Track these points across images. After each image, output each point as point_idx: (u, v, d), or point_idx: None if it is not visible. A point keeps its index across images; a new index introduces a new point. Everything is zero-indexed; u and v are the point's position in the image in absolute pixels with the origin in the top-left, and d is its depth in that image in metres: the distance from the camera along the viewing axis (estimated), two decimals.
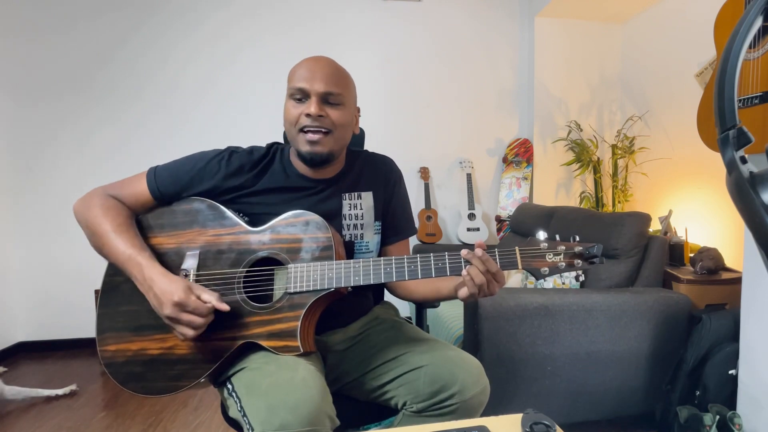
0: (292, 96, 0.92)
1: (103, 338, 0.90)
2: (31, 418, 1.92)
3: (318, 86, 0.90)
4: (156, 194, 0.94)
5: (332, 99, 0.92)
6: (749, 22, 0.52)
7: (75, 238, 2.60)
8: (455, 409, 0.88)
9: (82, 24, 2.70)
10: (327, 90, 0.91)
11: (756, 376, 1.41)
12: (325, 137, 0.92)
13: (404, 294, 1.08)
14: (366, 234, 1.03)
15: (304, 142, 0.91)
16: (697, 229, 2.25)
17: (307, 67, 0.92)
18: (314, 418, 0.75)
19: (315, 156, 0.92)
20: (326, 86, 0.91)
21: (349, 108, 0.96)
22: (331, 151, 0.94)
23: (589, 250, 0.82)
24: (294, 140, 0.94)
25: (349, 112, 0.97)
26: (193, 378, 0.88)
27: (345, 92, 0.94)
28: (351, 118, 0.98)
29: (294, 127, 0.92)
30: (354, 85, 1.00)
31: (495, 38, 3.08)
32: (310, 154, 0.92)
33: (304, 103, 0.91)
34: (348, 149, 1.07)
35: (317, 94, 0.90)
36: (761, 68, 1.22)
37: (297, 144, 0.93)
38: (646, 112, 2.74)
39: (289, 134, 0.95)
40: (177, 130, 2.82)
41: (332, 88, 0.91)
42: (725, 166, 0.53)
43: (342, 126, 0.94)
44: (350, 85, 0.98)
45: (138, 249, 0.87)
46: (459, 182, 3.09)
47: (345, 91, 0.94)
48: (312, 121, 0.90)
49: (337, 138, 0.94)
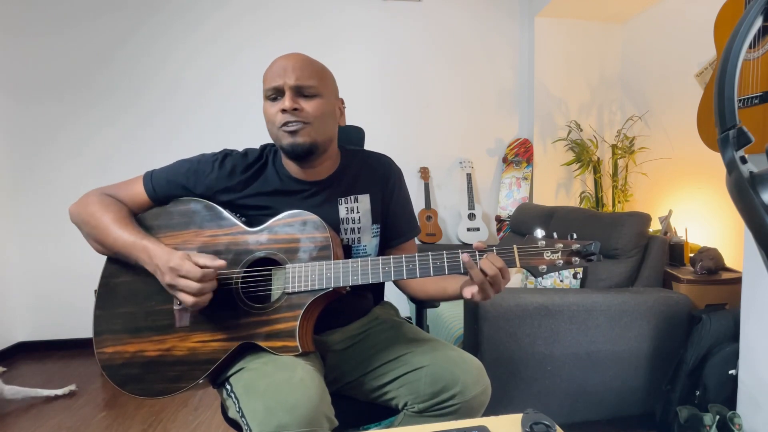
0: (268, 97, 0.91)
1: (100, 340, 0.90)
2: (30, 418, 1.92)
3: (290, 80, 0.89)
4: (152, 196, 0.95)
5: (306, 91, 0.90)
6: (749, 22, 0.52)
7: (75, 239, 2.58)
8: (456, 409, 0.88)
9: (82, 24, 2.70)
10: (299, 83, 0.89)
11: (756, 376, 1.41)
12: (304, 128, 0.89)
13: (412, 292, 1.08)
14: (363, 238, 1.02)
15: (285, 135, 0.90)
16: (697, 229, 2.25)
17: (278, 65, 0.91)
18: (312, 418, 0.74)
19: (296, 147, 0.90)
20: (297, 79, 0.89)
21: (326, 98, 0.93)
22: (313, 141, 0.91)
23: (586, 248, 0.82)
24: (277, 139, 0.92)
25: (328, 102, 0.94)
26: (191, 379, 0.88)
27: (319, 83, 0.92)
28: (331, 108, 0.95)
29: (275, 126, 0.91)
30: (332, 76, 0.98)
31: (495, 38, 3.08)
32: (291, 145, 0.90)
33: (280, 101, 0.90)
34: (344, 148, 1.06)
35: (290, 88, 0.89)
36: (761, 68, 1.22)
37: (280, 141, 0.91)
38: (646, 112, 2.74)
39: (272, 136, 0.94)
40: (177, 130, 2.82)
41: (305, 81, 0.89)
42: (725, 166, 0.53)
43: (320, 117, 0.91)
44: (326, 76, 0.95)
45: (142, 235, 0.88)
46: (459, 182, 3.08)
47: (319, 83, 0.92)
48: (289, 116, 0.88)
49: (317, 129, 0.91)
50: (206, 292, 0.83)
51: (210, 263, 0.83)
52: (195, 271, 0.81)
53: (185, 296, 0.82)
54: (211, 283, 0.83)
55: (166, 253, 0.84)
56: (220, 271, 0.89)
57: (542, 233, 0.85)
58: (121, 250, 0.88)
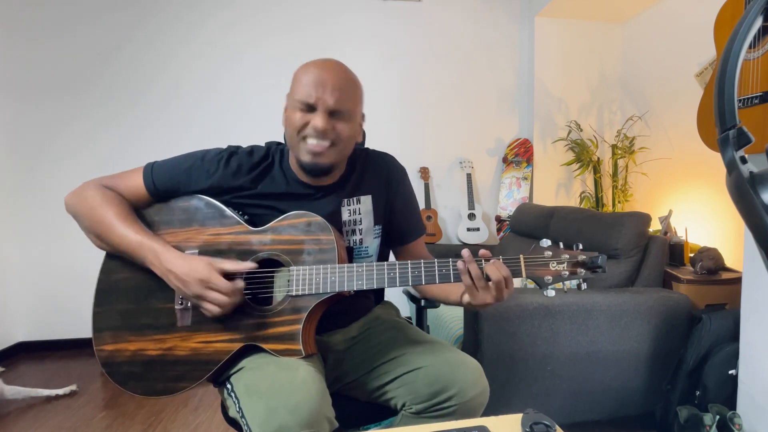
0: (298, 107, 0.87)
1: (100, 337, 0.89)
2: (31, 418, 1.92)
3: (329, 100, 0.85)
4: (151, 189, 0.93)
5: (340, 115, 0.88)
6: (749, 22, 0.52)
7: (75, 239, 2.58)
8: (454, 410, 0.88)
9: (83, 26, 2.70)
10: (336, 107, 0.86)
11: (756, 376, 1.41)
12: (329, 149, 0.88)
13: (417, 291, 1.11)
14: (366, 239, 1.01)
15: (306, 152, 0.88)
16: (697, 229, 2.25)
17: (317, 76, 0.86)
18: (313, 420, 0.74)
19: (316, 168, 0.89)
20: (336, 103, 0.86)
21: (356, 119, 0.93)
22: (333, 162, 0.91)
23: (593, 260, 0.81)
24: (295, 147, 0.90)
25: (356, 123, 0.93)
26: (193, 380, 0.87)
27: (353, 106, 0.90)
28: (357, 129, 0.95)
29: (297, 135, 0.88)
30: (362, 92, 0.96)
31: (495, 38, 3.08)
32: (311, 165, 0.89)
33: (310, 114, 0.87)
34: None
35: (326, 108, 0.86)
36: (761, 68, 1.22)
37: (298, 152, 0.89)
38: (646, 112, 2.74)
39: (290, 140, 0.91)
40: (178, 131, 2.81)
41: (342, 105, 0.87)
42: (725, 166, 0.53)
43: (347, 139, 0.91)
44: (359, 95, 0.94)
45: (149, 235, 0.87)
46: (459, 182, 3.08)
47: (353, 105, 0.90)
48: (319, 136, 0.86)
49: (340, 150, 0.91)
50: (234, 303, 0.83)
51: (238, 268, 0.84)
52: (226, 285, 0.81)
53: (212, 307, 0.82)
54: (240, 295, 0.84)
55: (187, 262, 0.83)
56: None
57: (548, 242, 0.84)
58: (126, 250, 0.87)
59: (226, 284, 0.82)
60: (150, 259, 0.85)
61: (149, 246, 0.85)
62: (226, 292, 0.82)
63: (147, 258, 0.85)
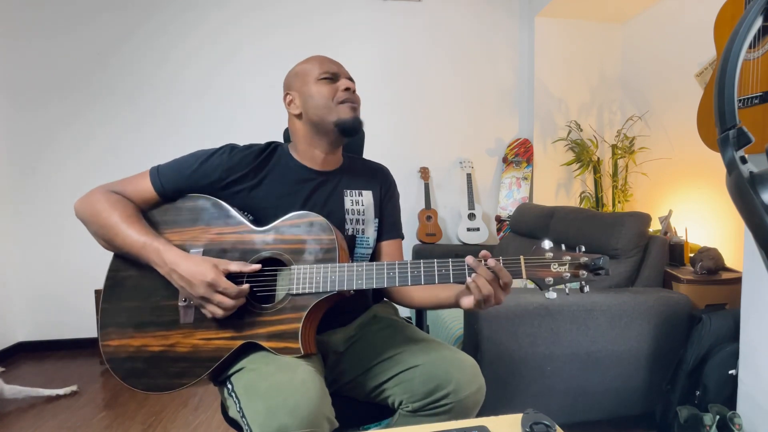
0: (323, 78, 0.98)
1: (106, 333, 0.90)
2: (31, 418, 1.92)
3: (342, 69, 1.02)
4: (160, 191, 0.95)
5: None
6: (749, 22, 0.52)
7: (75, 239, 2.60)
8: (450, 408, 0.88)
9: (80, 25, 2.70)
10: (348, 74, 1.02)
11: (756, 376, 1.41)
12: (358, 108, 1.01)
13: (401, 300, 1.08)
14: (367, 230, 1.06)
15: (347, 110, 0.98)
16: (697, 229, 2.25)
17: (320, 58, 1.02)
18: (313, 420, 0.74)
19: (356, 121, 0.99)
20: (346, 71, 1.03)
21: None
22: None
23: (595, 262, 0.80)
24: (331, 113, 0.97)
25: None
26: (193, 376, 0.88)
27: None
28: None
29: (332, 101, 0.97)
30: None
31: (495, 38, 3.08)
32: (353, 119, 0.98)
33: (336, 82, 0.99)
34: (344, 155, 1.10)
35: (345, 75, 1.01)
36: (761, 68, 1.22)
37: (338, 114, 0.97)
38: (646, 112, 2.74)
39: (323, 111, 0.98)
40: (176, 130, 2.82)
41: (347, 73, 1.03)
42: (725, 166, 0.53)
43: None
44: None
45: (153, 235, 0.89)
46: (459, 182, 3.08)
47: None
48: (351, 94, 0.99)
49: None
50: (238, 306, 0.85)
51: (243, 270, 0.86)
52: (233, 289, 0.83)
53: (217, 309, 0.84)
54: (242, 300, 0.86)
55: (193, 263, 0.84)
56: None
57: (550, 244, 0.83)
58: (131, 251, 0.88)
59: (234, 288, 0.83)
60: (154, 260, 0.87)
61: (153, 247, 0.87)
62: (233, 295, 0.83)
63: (151, 258, 0.87)
